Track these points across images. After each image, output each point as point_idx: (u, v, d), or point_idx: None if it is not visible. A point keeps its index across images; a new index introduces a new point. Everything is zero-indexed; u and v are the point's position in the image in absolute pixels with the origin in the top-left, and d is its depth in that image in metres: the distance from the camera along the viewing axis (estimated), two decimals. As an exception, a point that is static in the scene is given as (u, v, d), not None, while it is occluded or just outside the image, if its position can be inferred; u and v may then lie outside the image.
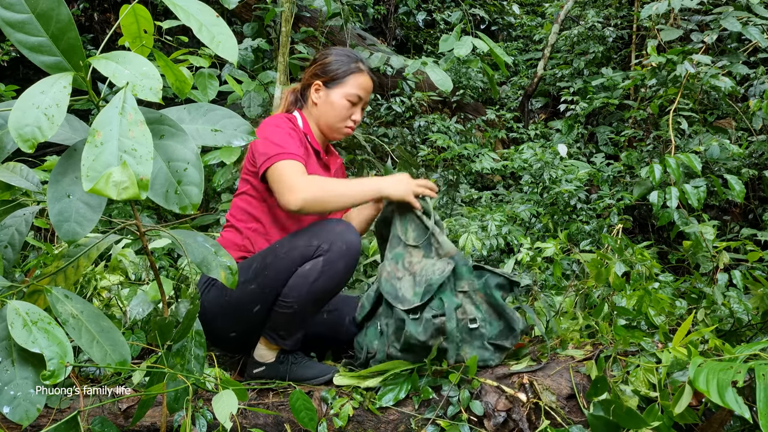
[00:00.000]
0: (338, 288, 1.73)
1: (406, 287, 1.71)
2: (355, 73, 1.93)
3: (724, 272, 2.11)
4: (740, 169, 3.24)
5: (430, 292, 1.65)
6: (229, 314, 1.76)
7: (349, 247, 1.69)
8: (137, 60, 0.99)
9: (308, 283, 1.66)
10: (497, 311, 1.71)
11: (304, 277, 1.67)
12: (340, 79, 1.92)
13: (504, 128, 5.01)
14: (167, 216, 3.73)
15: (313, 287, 1.67)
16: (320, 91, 1.94)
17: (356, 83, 1.93)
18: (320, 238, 1.69)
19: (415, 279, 1.71)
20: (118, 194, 0.87)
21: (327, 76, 1.93)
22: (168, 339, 1.28)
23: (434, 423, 1.55)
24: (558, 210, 3.27)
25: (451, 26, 6.10)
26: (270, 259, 1.73)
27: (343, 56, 1.95)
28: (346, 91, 1.91)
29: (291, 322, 1.72)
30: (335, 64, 1.93)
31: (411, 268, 1.75)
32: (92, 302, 2.11)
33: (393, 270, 1.77)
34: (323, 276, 1.66)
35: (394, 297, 1.70)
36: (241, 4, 4.12)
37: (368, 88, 1.96)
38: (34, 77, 4.33)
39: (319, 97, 1.94)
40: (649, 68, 3.43)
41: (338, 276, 1.69)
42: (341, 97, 1.91)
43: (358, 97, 1.93)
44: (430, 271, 1.70)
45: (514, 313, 1.70)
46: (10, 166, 1.34)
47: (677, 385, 1.37)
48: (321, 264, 1.67)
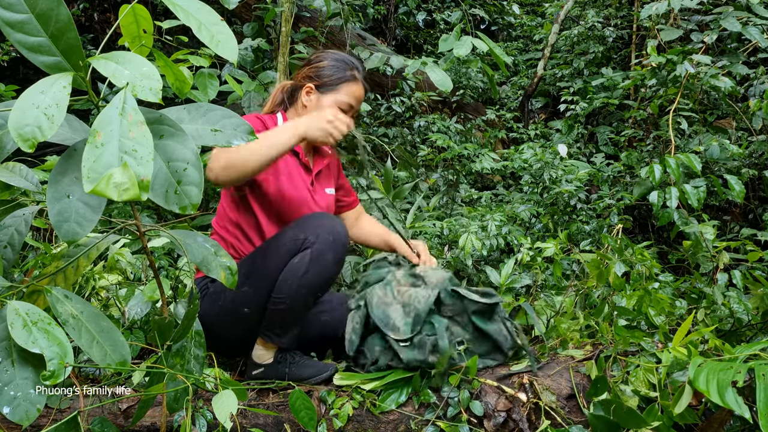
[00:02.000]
0: (329, 280, 1.72)
1: (396, 316, 1.71)
2: (350, 82, 1.89)
3: (724, 272, 2.11)
4: (740, 169, 3.24)
5: (419, 323, 1.67)
6: (224, 320, 1.76)
7: (336, 238, 1.68)
8: (137, 60, 0.99)
9: (298, 276, 1.66)
10: (482, 333, 1.73)
11: (293, 271, 1.66)
12: (334, 85, 1.88)
13: (504, 128, 5.01)
14: (167, 216, 3.73)
15: (303, 280, 1.66)
16: (312, 94, 1.90)
17: (349, 92, 1.89)
18: (306, 231, 1.69)
19: (404, 309, 1.72)
20: (119, 195, 0.87)
21: (320, 80, 1.89)
22: (167, 339, 1.28)
23: (434, 424, 1.54)
24: (558, 210, 3.27)
25: (451, 26, 6.10)
26: (259, 259, 1.73)
27: (339, 62, 1.91)
28: (338, 98, 1.88)
29: (285, 319, 1.71)
30: (330, 69, 1.89)
31: (401, 297, 1.77)
32: (90, 302, 2.11)
33: (383, 296, 1.78)
34: (312, 268, 1.66)
35: (386, 324, 1.70)
36: (241, 4, 4.12)
37: (361, 97, 1.93)
38: (34, 77, 4.32)
39: (309, 100, 1.90)
40: (649, 68, 3.43)
41: (327, 267, 1.68)
42: (332, 104, 1.87)
43: (350, 106, 1.90)
44: (416, 300, 1.72)
45: (500, 334, 1.72)
46: (10, 166, 1.34)
47: (677, 385, 1.37)
48: (309, 256, 1.66)
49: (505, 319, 1.76)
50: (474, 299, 1.72)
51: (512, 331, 1.74)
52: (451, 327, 1.71)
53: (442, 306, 1.75)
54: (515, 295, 2.35)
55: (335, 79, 1.88)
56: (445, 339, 1.63)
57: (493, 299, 1.73)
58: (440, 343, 1.62)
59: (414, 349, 1.64)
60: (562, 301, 2.09)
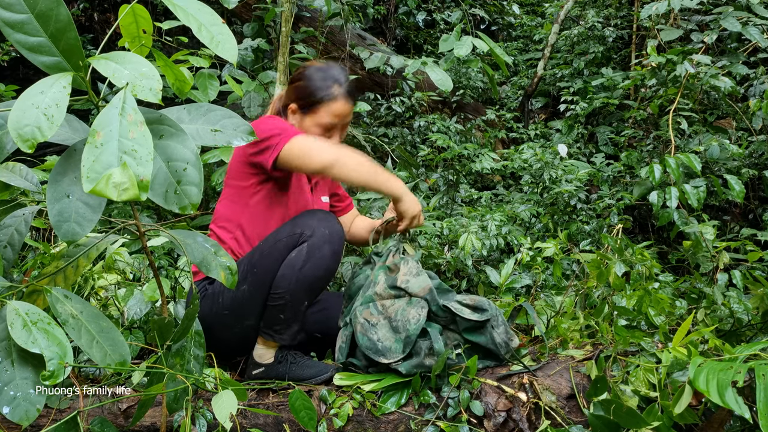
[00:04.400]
0: (327, 275, 1.71)
1: (384, 335, 1.67)
2: (329, 101, 1.84)
3: (724, 272, 2.11)
4: (740, 169, 3.24)
5: (410, 344, 1.63)
6: (224, 321, 1.76)
7: (332, 233, 1.69)
8: (137, 60, 0.99)
9: (296, 270, 1.66)
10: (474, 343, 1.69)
11: (291, 266, 1.66)
12: (313, 106, 1.85)
13: (504, 128, 5.01)
14: (167, 216, 3.73)
15: (301, 274, 1.66)
16: (296, 114, 1.89)
17: (329, 111, 1.84)
18: (302, 226, 1.69)
19: (391, 324, 1.68)
20: (119, 195, 0.87)
21: (301, 100, 1.86)
22: (167, 339, 1.28)
23: (434, 424, 1.54)
24: (558, 210, 3.27)
25: (451, 26, 6.10)
26: (257, 257, 1.74)
27: (319, 80, 1.85)
28: (318, 120, 1.85)
29: (285, 315, 1.71)
30: (309, 88, 1.85)
31: (385, 311, 1.73)
32: (90, 302, 2.11)
33: (367, 318, 1.72)
34: (310, 262, 1.66)
35: (375, 351, 1.66)
36: (241, 4, 4.12)
37: (344, 113, 1.87)
38: (34, 77, 4.32)
39: (295, 119, 1.90)
40: (649, 68, 3.43)
41: (325, 261, 1.68)
42: (313, 125, 1.86)
43: (332, 125, 1.87)
44: (405, 318, 1.67)
45: (493, 342, 1.67)
46: (10, 166, 1.34)
47: (677, 385, 1.37)
48: (306, 250, 1.66)
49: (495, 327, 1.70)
50: (464, 317, 1.67)
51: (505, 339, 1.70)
52: (445, 332, 1.70)
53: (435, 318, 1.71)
54: (515, 295, 2.35)
55: (315, 99, 1.84)
56: (440, 342, 1.63)
57: (484, 315, 1.67)
58: (436, 346, 1.62)
59: (411, 359, 1.64)
60: (562, 301, 2.09)
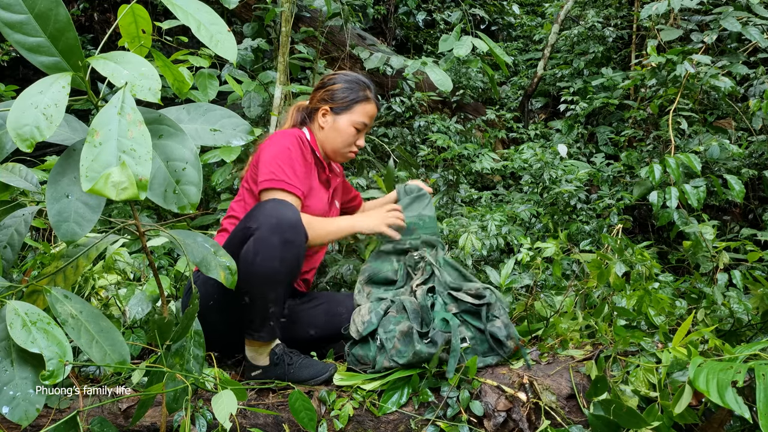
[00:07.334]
0: (284, 264, 1.65)
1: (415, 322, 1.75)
2: (363, 102, 2.01)
3: (724, 272, 2.11)
4: (740, 169, 3.23)
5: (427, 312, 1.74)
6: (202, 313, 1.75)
7: (281, 220, 1.65)
8: (136, 60, 0.99)
9: (248, 265, 1.63)
10: (482, 331, 1.74)
11: (244, 261, 1.64)
12: (348, 106, 2.00)
13: (504, 128, 5.01)
14: (167, 215, 3.73)
15: (253, 269, 1.63)
16: (327, 116, 2.01)
17: (363, 111, 2.01)
18: (251, 220, 1.69)
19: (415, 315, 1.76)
20: (117, 194, 0.87)
21: (335, 102, 2.00)
22: (167, 339, 1.28)
23: (434, 424, 1.54)
24: (558, 210, 3.27)
25: (451, 26, 6.10)
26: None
27: (352, 83, 2.02)
28: (353, 119, 2.00)
29: (253, 311, 1.69)
30: (344, 91, 2.00)
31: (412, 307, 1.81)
32: (90, 302, 2.11)
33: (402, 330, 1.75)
34: (259, 255, 1.63)
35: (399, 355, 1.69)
36: (241, 4, 4.12)
37: (374, 114, 2.05)
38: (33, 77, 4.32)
39: (326, 121, 2.01)
40: (649, 68, 3.42)
41: (275, 251, 1.63)
42: (348, 124, 2.00)
43: (364, 124, 2.02)
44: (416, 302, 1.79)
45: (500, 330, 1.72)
46: (9, 166, 1.34)
47: (677, 385, 1.37)
48: (253, 243, 1.64)
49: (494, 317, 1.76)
50: (467, 300, 1.76)
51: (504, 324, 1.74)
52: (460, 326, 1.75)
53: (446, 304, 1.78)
54: (515, 296, 2.35)
55: (349, 100, 2.00)
56: (458, 338, 1.65)
57: (482, 301, 1.75)
58: (453, 341, 1.63)
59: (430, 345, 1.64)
60: (562, 301, 2.09)
